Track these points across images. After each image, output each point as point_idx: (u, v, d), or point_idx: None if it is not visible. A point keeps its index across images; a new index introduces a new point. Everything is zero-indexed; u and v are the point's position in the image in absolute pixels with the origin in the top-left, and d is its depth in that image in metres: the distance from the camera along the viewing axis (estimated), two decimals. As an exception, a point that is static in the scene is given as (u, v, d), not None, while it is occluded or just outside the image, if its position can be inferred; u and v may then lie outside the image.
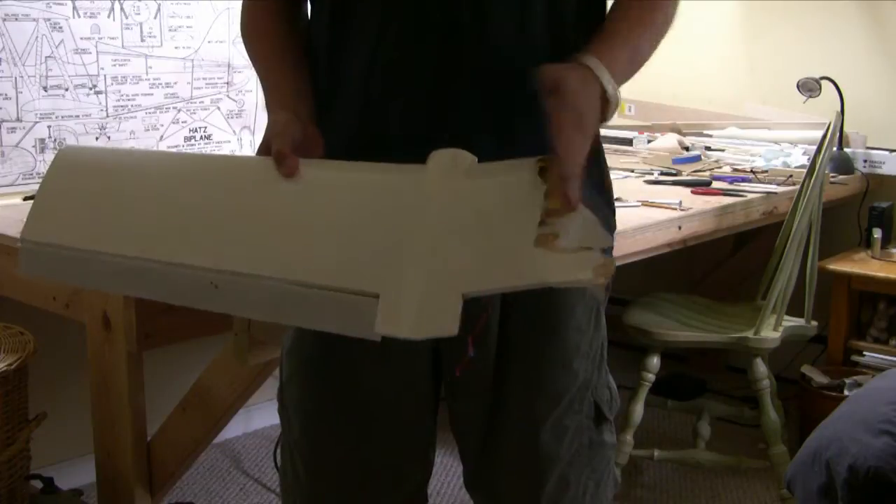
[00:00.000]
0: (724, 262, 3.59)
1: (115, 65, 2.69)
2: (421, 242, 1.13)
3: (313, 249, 1.16)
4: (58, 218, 1.25)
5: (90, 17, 2.63)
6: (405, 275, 1.10)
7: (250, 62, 1.40)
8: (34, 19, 2.53)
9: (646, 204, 2.55)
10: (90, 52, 2.64)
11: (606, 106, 1.14)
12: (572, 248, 1.09)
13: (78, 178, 1.28)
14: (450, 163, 1.17)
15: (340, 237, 1.17)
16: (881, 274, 3.07)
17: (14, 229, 2.23)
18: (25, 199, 2.47)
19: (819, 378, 3.07)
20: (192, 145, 2.89)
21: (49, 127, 2.59)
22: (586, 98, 1.11)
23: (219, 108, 2.95)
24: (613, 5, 1.31)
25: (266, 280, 1.14)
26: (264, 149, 1.22)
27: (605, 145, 1.40)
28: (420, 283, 1.10)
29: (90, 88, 2.65)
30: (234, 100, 2.99)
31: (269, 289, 1.14)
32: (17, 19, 2.50)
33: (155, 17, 2.76)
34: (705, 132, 3.59)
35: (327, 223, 1.19)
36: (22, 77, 2.52)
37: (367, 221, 1.18)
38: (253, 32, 1.38)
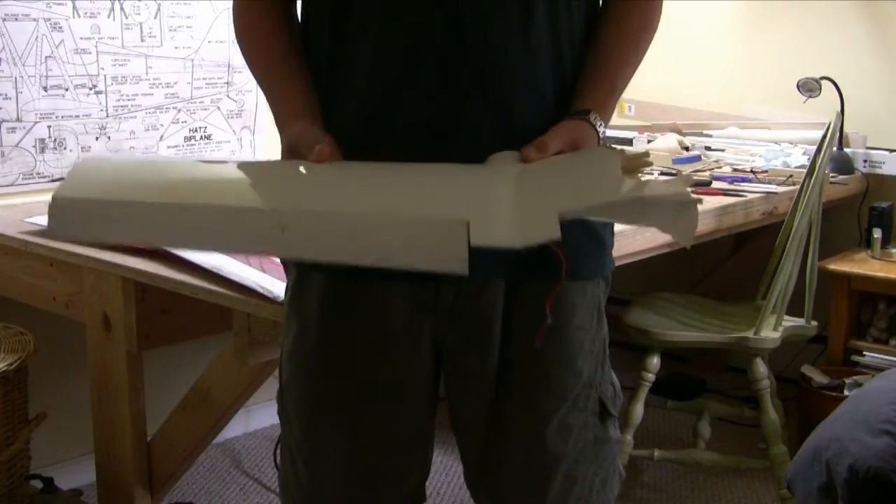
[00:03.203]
0: (724, 262, 3.59)
1: (115, 65, 2.69)
2: (508, 174, 1.08)
3: (389, 190, 1.08)
4: (93, 181, 1.12)
5: (90, 17, 2.63)
6: (494, 198, 1.04)
7: (247, 65, 1.39)
8: (34, 19, 2.53)
9: (646, 204, 2.55)
10: (90, 52, 2.64)
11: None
12: (659, 185, 1.10)
13: (110, 163, 1.21)
14: (509, 155, 1.17)
15: (418, 184, 1.09)
16: (881, 274, 3.07)
17: (14, 229, 2.23)
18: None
19: (819, 378, 3.07)
20: (192, 145, 2.89)
21: (49, 127, 2.59)
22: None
23: (219, 108, 2.95)
24: (603, 22, 1.33)
25: (340, 216, 1.04)
26: (290, 157, 1.22)
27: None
28: (511, 202, 1.03)
29: (90, 88, 2.65)
30: (234, 100, 2.99)
31: (344, 224, 1.04)
32: (17, 19, 2.50)
33: (155, 17, 2.76)
34: (705, 132, 3.59)
35: (399, 179, 1.11)
36: (22, 77, 2.52)
37: (444, 174, 1.11)
38: (248, 36, 1.37)
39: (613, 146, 1.21)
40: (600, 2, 1.35)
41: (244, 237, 1.09)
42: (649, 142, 3.51)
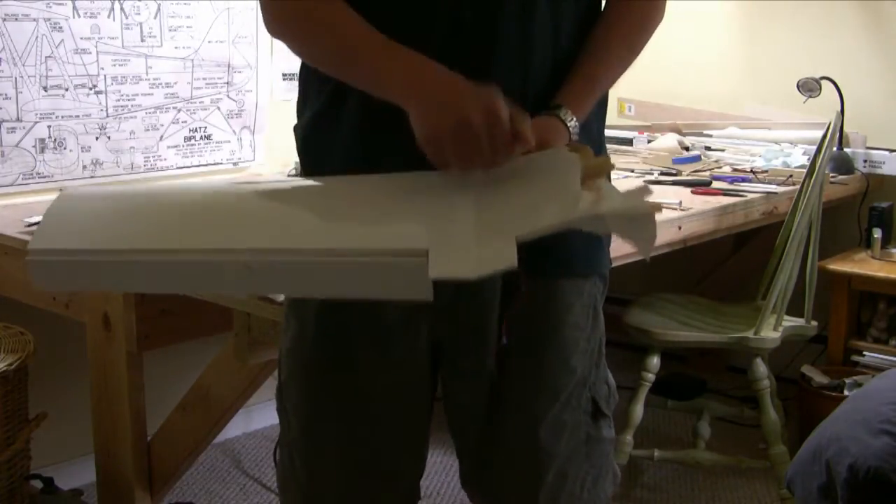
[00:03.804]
0: (724, 262, 3.59)
1: (115, 65, 2.69)
2: (465, 199, 1.11)
3: (350, 221, 1.12)
4: (66, 228, 1.16)
5: (90, 17, 2.63)
6: (453, 226, 1.08)
7: (314, 46, 1.25)
8: (34, 19, 2.53)
9: (646, 204, 2.55)
10: (90, 52, 2.64)
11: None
12: (618, 198, 1.11)
13: (83, 201, 1.23)
14: None
15: (377, 209, 1.14)
16: (881, 274, 3.07)
17: (14, 229, 2.23)
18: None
19: (819, 378, 3.07)
20: (191, 145, 2.90)
21: (49, 127, 2.59)
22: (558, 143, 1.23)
23: (219, 108, 2.95)
24: (601, 19, 1.32)
25: (304, 254, 1.09)
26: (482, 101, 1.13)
27: (605, 145, 1.41)
28: (470, 230, 1.07)
29: (90, 88, 2.65)
30: (234, 100, 2.99)
31: (308, 263, 1.08)
32: (17, 19, 2.50)
33: (155, 17, 2.76)
34: (705, 132, 3.59)
35: (360, 202, 1.16)
36: (22, 77, 2.53)
37: (402, 195, 1.14)
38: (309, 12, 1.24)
39: (579, 145, 1.20)
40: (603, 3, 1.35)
41: (215, 281, 1.16)
42: (649, 142, 3.51)
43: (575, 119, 1.24)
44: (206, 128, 2.93)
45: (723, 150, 3.42)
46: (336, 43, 1.23)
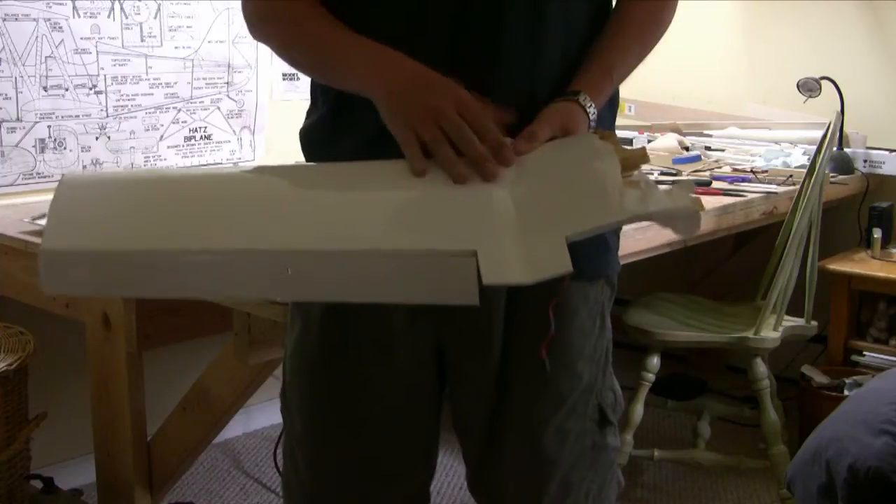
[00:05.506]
0: (724, 262, 3.59)
1: (115, 65, 2.69)
2: (499, 193, 1.07)
3: (389, 221, 1.06)
4: (79, 224, 1.06)
5: (90, 17, 2.63)
6: (500, 227, 1.04)
7: (288, 40, 1.26)
8: (34, 19, 2.53)
9: (646, 204, 2.54)
10: (90, 52, 2.64)
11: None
12: (663, 197, 1.09)
13: (94, 189, 1.12)
14: None
15: (415, 208, 1.08)
16: (881, 274, 3.07)
17: (14, 229, 2.23)
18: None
19: (819, 378, 3.07)
20: (191, 145, 2.90)
21: (49, 127, 2.59)
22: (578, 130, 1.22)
23: (219, 108, 2.95)
24: (612, 16, 1.32)
25: (345, 255, 1.02)
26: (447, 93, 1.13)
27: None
28: (518, 232, 1.04)
29: (90, 88, 2.65)
30: (234, 100, 2.99)
31: (350, 265, 1.02)
32: (17, 19, 2.50)
33: (155, 17, 2.76)
34: (705, 132, 3.59)
35: (395, 199, 1.10)
36: (22, 77, 2.53)
37: (438, 192, 1.08)
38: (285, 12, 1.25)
39: (606, 132, 1.19)
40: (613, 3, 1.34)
41: (248, 284, 1.06)
42: (649, 142, 3.51)
43: (594, 106, 1.22)
44: (206, 128, 2.93)
45: (723, 150, 3.42)
46: (308, 44, 1.24)
